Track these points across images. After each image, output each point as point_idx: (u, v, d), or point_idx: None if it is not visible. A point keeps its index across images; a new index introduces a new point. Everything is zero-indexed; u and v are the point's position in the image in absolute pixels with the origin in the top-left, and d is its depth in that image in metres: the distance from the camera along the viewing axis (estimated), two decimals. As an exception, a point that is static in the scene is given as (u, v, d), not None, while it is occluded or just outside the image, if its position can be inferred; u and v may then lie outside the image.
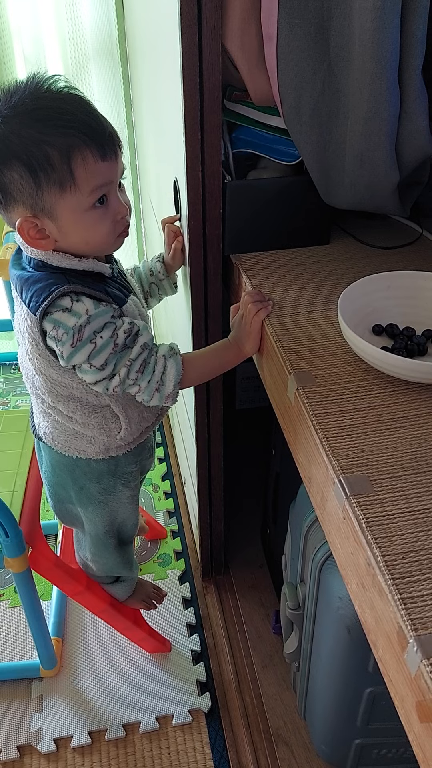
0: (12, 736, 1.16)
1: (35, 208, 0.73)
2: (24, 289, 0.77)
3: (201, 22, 0.74)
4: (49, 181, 0.71)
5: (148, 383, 0.80)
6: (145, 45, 1.19)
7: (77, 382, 0.82)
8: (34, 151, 0.69)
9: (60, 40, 1.56)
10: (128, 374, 0.78)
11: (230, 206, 0.88)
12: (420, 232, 0.97)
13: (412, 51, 0.72)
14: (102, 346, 0.76)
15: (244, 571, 1.43)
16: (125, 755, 1.14)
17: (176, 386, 0.81)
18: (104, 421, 0.89)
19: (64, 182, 0.71)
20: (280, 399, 0.76)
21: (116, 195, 0.77)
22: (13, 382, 2.06)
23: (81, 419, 0.88)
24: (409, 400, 0.65)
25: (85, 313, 0.75)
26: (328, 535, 0.62)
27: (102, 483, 0.96)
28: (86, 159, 0.71)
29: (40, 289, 0.75)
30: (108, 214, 0.76)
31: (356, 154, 0.81)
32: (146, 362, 0.79)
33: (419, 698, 0.44)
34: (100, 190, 0.74)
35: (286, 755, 1.12)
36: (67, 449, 0.92)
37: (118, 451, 0.93)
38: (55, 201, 0.72)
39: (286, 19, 0.76)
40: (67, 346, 0.75)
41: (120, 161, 0.76)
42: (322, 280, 0.87)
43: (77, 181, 0.71)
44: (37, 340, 0.78)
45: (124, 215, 0.78)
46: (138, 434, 0.94)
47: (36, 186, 0.71)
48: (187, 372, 0.82)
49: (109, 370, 0.78)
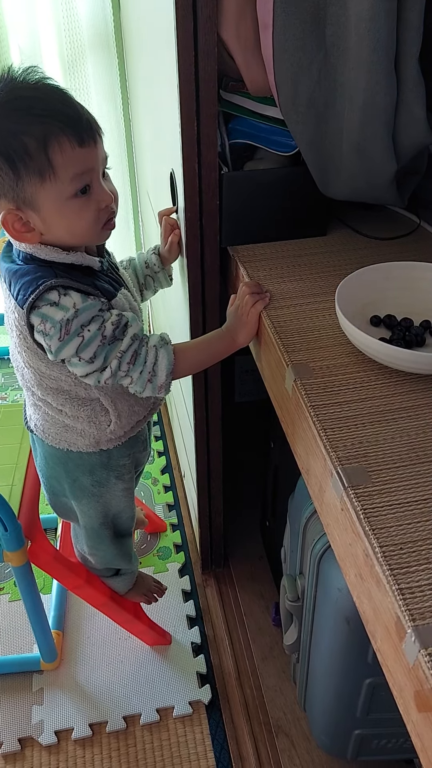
0: (13, 728, 1.17)
1: (17, 200, 0.73)
2: (12, 281, 0.77)
3: (196, 12, 0.73)
4: (28, 171, 0.71)
5: (140, 374, 0.80)
6: (141, 36, 1.19)
7: (66, 375, 0.82)
8: (12, 142, 0.69)
9: (56, 32, 1.55)
10: (119, 366, 0.78)
11: (227, 198, 0.88)
12: (418, 223, 0.96)
13: (409, 39, 0.72)
14: (89, 339, 0.76)
15: (243, 564, 1.44)
16: (126, 747, 1.15)
17: (168, 376, 0.81)
18: (93, 414, 0.89)
19: (43, 171, 0.71)
20: (278, 391, 0.76)
21: (99, 183, 0.76)
22: (11, 377, 2.06)
23: (70, 412, 0.88)
24: (407, 391, 0.65)
25: (72, 307, 0.74)
26: (326, 527, 0.62)
27: (95, 476, 0.96)
28: (63, 146, 0.70)
29: (27, 283, 0.75)
30: (91, 203, 0.75)
31: (353, 144, 0.80)
32: (137, 353, 0.79)
33: (417, 688, 0.44)
34: (81, 179, 0.73)
35: (287, 746, 1.13)
36: (58, 442, 0.92)
37: (108, 444, 0.93)
38: (35, 191, 0.72)
39: (282, 8, 0.75)
40: (54, 340, 0.75)
41: (100, 148, 0.75)
42: (319, 272, 0.87)
43: (56, 169, 0.71)
44: (24, 334, 0.78)
45: (108, 203, 0.77)
46: (129, 428, 0.94)
47: (16, 177, 0.71)
48: (179, 362, 0.82)
49: (99, 362, 0.77)
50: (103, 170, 0.77)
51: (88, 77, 1.64)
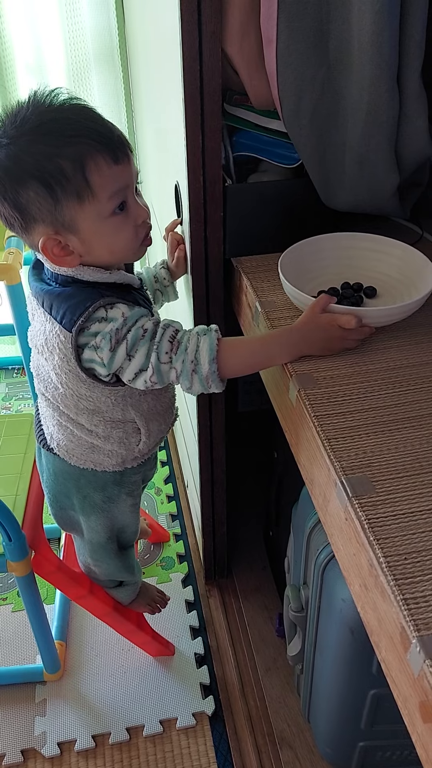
0: (16, 740, 1.16)
1: (56, 225, 0.72)
2: (55, 304, 0.76)
3: (201, 27, 0.74)
4: (66, 194, 0.70)
5: (183, 363, 0.75)
6: (146, 50, 1.20)
7: (106, 396, 0.82)
8: (47, 166, 0.69)
9: (61, 47, 1.56)
10: (159, 357, 0.74)
11: (231, 209, 0.89)
12: (421, 234, 0.97)
13: (411, 53, 0.73)
14: (133, 337, 0.74)
15: (247, 574, 1.43)
16: (129, 759, 1.14)
17: (212, 364, 0.74)
18: (125, 435, 0.89)
19: (82, 192, 0.70)
20: (281, 401, 0.76)
21: (135, 199, 0.76)
22: (15, 387, 2.07)
23: (103, 433, 0.87)
24: (411, 401, 0.65)
25: (121, 316, 0.74)
26: (330, 537, 0.62)
27: (106, 491, 0.96)
28: (99, 165, 0.70)
29: (74, 306, 0.74)
30: (129, 220, 0.75)
31: (356, 157, 0.81)
32: (179, 342, 0.75)
33: (422, 699, 0.44)
34: (118, 196, 0.73)
35: (291, 758, 1.12)
36: (84, 462, 0.92)
37: (133, 462, 0.93)
38: (75, 213, 0.72)
39: (286, 23, 0.76)
40: (106, 351, 0.74)
41: (133, 164, 0.75)
42: (323, 283, 0.87)
43: (94, 188, 0.71)
44: (68, 356, 0.76)
45: (145, 218, 0.77)
46: (153, 446, 0.94)
47: (54, 201, 0.70)
48: (224, 351, 0.75)
49: (141, 358, 0.75)
50: (135, 185, 0.77)
51: (93, 91, 1.65)
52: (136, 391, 0.85)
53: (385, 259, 0.84)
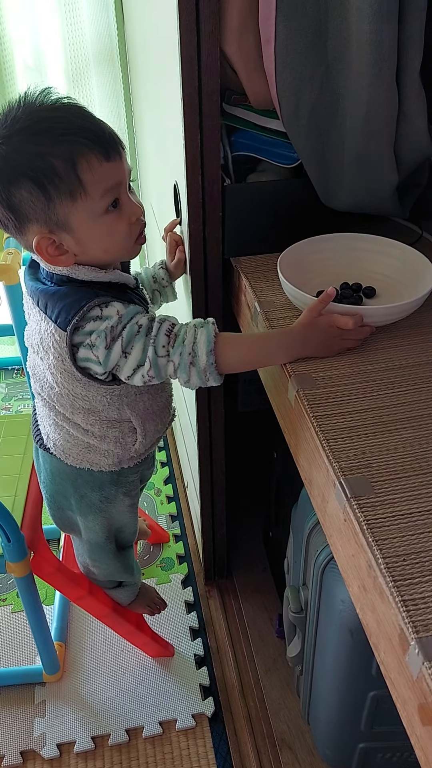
0: (15, 741, 1.16)
1: (50, 224, 0.72)
2: (49, 304, 0.76)
3: (199, 27, 0.74)
4: (59, 193, 0.70)
5: (180, 356, 0.74)
6: (145, 50, 1.20)
7: (101, 396, 0.82)
8: (39, 165, 0.69)
9: (60, 47, 1.56)
10: (156, 351, 0.74)
11: (230, 209, 0.88)
12: (420, 234, 0.97)
13: (410, 52, 0.73)
14: (128, 334, 0.74)
15: (246, 575, 1.43)
16: (128, 760, 1.14)
17: (209, 356, 0.74)
18: (122, 435, 0.89)
19: (74, 190, 0.70)
20: (280, 401, 0.76)
21: (128, 196, 0.76)
22: (15, 387, 2.07)
23: (99, 432, 0.87)
24: (410, 401, 0.65)
25: (116, 314, 0.74)
26: (329, 538, 0.62)
27: (103, 491, 0.96)
28: (91, 162, 0.70)
29: (68, 305, 0.74)
30: (123, 217, 0.75)
31: (355, 156, 0.81)
32: (176, 335, 0.75)
33: (421, 701, 0.43)
34: (111, 193, 0.73)
35: (290, 760, 1.12)
36: (80, 462, 0.91)
37: (129, 462, 0.93)
38: (68, 212, 0.72)
39: (284, 23, 0.76)
40: (101, 349, 0.74)
41: (125, 161, 0.75)
42: (322, 283, 0.87)
43: (86, 186, 0.71)
44: (63, 355, 0.76)
45: (138, 216, 0.77)
46: (149, 445, 0.94)
47: (47, 200, 0.70)
48: (222, 345, 0.74)
49: (138, 354, 0.74)
50: (128, 183, 0.77)
51: (93, 91, 1.65)
52: (132, 391, 0.85)
53: (384, 260, 0.84)
